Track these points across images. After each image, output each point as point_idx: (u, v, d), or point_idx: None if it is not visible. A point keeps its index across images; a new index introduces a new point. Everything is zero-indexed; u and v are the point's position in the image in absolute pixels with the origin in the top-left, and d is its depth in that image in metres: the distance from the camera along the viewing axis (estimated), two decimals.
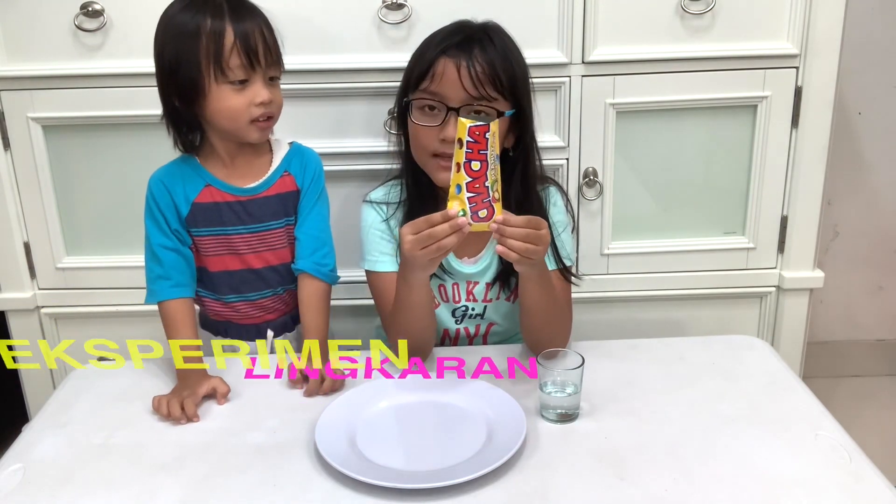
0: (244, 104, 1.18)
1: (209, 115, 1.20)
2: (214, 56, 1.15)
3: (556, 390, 1.07)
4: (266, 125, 1.22)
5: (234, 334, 1.33)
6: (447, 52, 1.19)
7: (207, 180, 1.25)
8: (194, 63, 1.15)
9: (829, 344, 2.18)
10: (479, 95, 1.18)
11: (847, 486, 0.93)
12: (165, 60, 1.18)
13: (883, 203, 2.09)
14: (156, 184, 1.25)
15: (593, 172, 1.55)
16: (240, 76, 1.17)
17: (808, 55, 1.48)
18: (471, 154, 1.01)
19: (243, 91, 1.18)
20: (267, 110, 1.20)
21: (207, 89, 1.17)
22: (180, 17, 1.17)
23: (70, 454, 1.04)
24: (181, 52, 1.16)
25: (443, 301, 1.33)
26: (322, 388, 1.16)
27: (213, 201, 1.25)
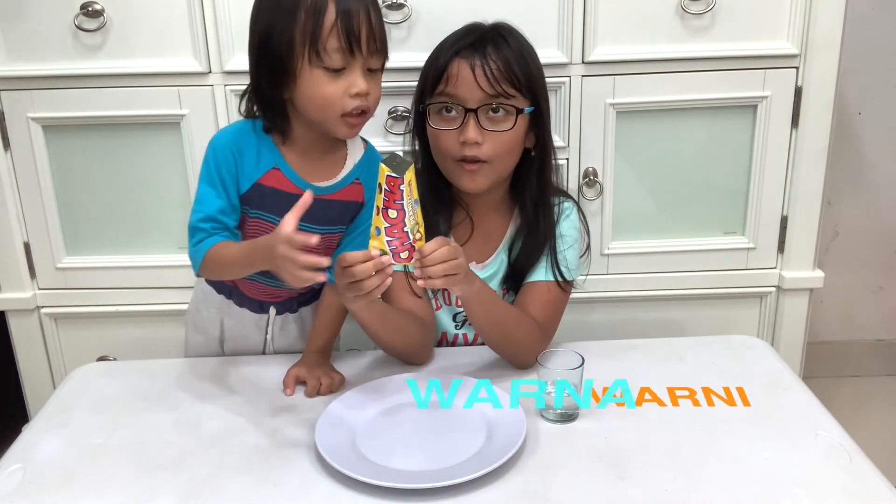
0: (338, 93, 1.06)
1: (298, 101, 1.08)
2: (311, 35, 1.02)
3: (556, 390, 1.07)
4: (358, 121, 1.10)
5: (237, 300, 1.29)
6: (460, 53, 1.18)
7: (276, 163, 1.13)
8: (287, 40, 1.03)
9: (829, 344, 2.18)
10: (496, 93, 1.17)
11: (847, 486, 0.93)
12: (257, 33, 1.07)
13: (883, 203, 2.09)
14: (225, 147, 1.12)
15: (593, 172, 1.55)
16: (337, 62, 1.04)
17: (808, 55, 1.48)
18: (387, 202, 0.98)
19: (338, 79, 1.05)
20: (362, 103, 1.08)
21: (298, 72, 1.05)
22: None
23: (70, 454, 1.04)
24: (274, 26, 1.04)
25: (444, 304, 1.33)
26: (322, 388, 1.16)
27: (276, 188, 1.13)
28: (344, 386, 1.18)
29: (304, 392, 1.16)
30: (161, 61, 1.47)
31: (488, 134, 1.18)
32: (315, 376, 1.17)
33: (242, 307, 1.30)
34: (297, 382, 1.18)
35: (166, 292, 1.59)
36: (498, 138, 1.18)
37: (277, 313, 1.31)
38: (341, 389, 1.17)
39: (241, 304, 1.30)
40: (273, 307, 1.30)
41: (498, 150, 1.19)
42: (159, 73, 1.47)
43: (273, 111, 1.13)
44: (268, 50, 1.06)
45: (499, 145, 1.19)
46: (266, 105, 1.13)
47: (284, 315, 1.31)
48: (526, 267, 1.26)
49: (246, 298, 1.29)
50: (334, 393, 1.16)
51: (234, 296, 1.30)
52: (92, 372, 1.28)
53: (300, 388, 1.18)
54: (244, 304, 1.30)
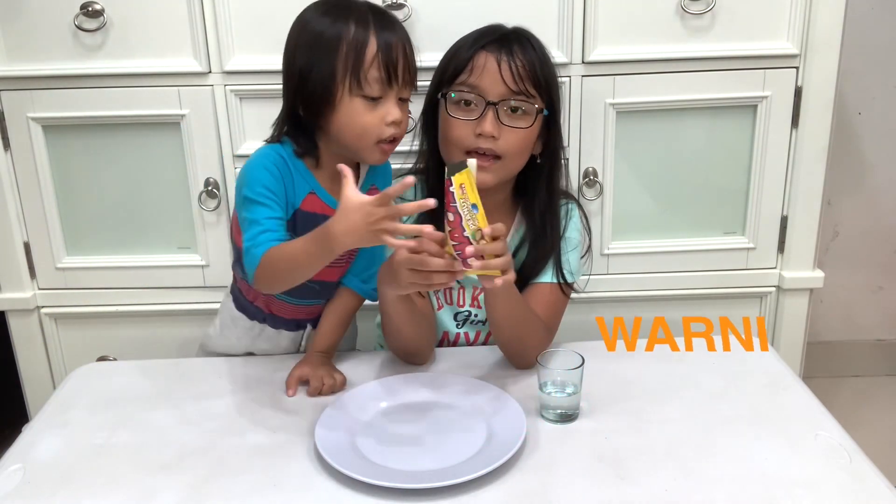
0: (376, 121, 1.11)
1: (335, 128, 1.12)
2: (353, 66, 1.08)
3: (556, 390, 1.07)
4: (391, 147, 1.15)
5: (271, 323, 1.30)
6: (486, 47, 1.18)
7: (313, 187, 1.17)
8: (329, 71, 1.08)
9: (829, 344, 2.18)
10: (518, 90, 1.17)
11: (847, 486, 0.93)
12: (297, 66, 1.11)
13: (883, 203, 2.09)
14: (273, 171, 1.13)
15: (593, 172, 1.55)
16: (376, 91, 1.09)
17: (808, 55, 1.48)
18: (445, 205, 1.00)
19: (376, 108, 1.11)
20: (397, 131, 1.13)
21: (338, 100, 1.10)
22: (320, 21, 1.10)
23: (70, 454, 1.04)
24: (316, 58, 1.09)
25: (446, 304, 1.33)
26: (324, 388, 1.16)
27: (314, 212, 1.17)
28: (345, 386, 1.18)
29: (306, 392, 1.16)
30: (161, 61, 1.47)
31: (505, 129, 1.18)
32: (318, 376, 1.17)
33: (279, 329, 1.31)
34: (299, 383, 1.18)
35: (166, 292, 1.59)
36: (514, 135, 1.18)
37: (313, 328, 1.32)
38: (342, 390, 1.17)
39: (277, 326, 1.31)
40: (309, 323, 1.32)
41: (512, 146, 1.19)
42: (159, 73, 1.47)
43: (305, 137, 1.16)
44: (309, 81, 1.10)
45: (513, 142, 1.19)
46: (300, 132, 1.16)
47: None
48: (532, 274, 1.26)
49: (282, 321, 1.31)
50: (336, 393, 1.16)
51: (269, 321, 1.31)
52: (92, 372, 1.28)
53: (302, 388, 1.18)
54: (280, 326, 1.31)
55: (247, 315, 1.32)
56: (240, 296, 1.32)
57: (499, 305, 1.16)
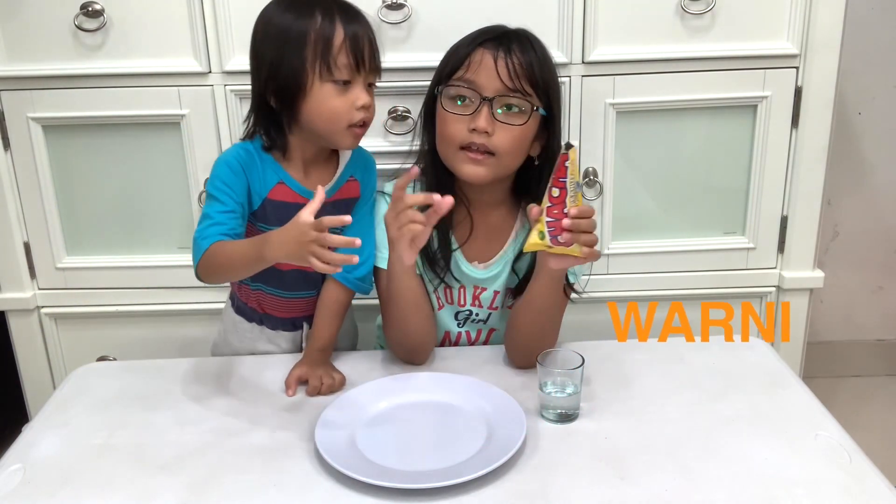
0: (346, 106, 1.15)
1: (307, 116, 1.16)
2: (322, 52, 1.12)
3: (556, 390, 1.07)
4: (361, 132, 1.19)
5: (269, 325, 1.32)
6: (484, 44, 1.19)
7: (281, 177, 1.21)
8: (299, 60, 1.12)
9: (829, 344, 2.18)
10: (515, 88, 1.17)
11: (847, 486, 0.93)
12: (266, 60, 1.15)
13: (883, 203, 2.09)
14: (233, 165, 1.17)
15: (593, 172, 1.55)
16: (345, 76, 1.14)
17: (808, 55, 1.48)
18: (553, 180, 1.03)
19: (345, 93, 1.15)
20: (366, 115, 1.17)
21: (310, 87, 1.13)
22: (285, 17, 1.14)
23: (70, 454, 1.04)
24: (286, 50, 1.13)
25: (447, 303, 1.33)
26: (323, 388, 1.16)
27: (285, 200, 1.20)
28: (344, 386, 1.18)
29: (305, 391, 1.16)
30: (161, 61, 1.47)
31: (499, 125, 1.18)
32: (317, 375, 1.18)
33: (277, 330, 1.32)
34: (299, 383, 1.18)
35: (166, 292, 1.59)
36: (508, 132, 1.18)
37: (310, 327, 1.32)
38: (342, 389, 1.17)
39: (274, 327, 1.32)
40: (305, 322, 1.32)
41: (506, 143, 1.19)
42: (159, 73, 1.47)
43: (274, 129, 1.20)
44: (279, 73, 1.14)
45: (507, 139, 1.19)
46: (268, 124, 1.20)
47: None
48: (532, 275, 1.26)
49: (279, 321, 1.32)
50: (335, 393, 1.16)
51: (266, 322, 1.32)
52: (92, 372, 1.28)
53: (301, 388, 1.18)
54: (278, 327, 1.32)
55: (244, 317, 1.33)
56: (236, 298, 1.33)
57: (543, 291, 1.17)
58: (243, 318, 1.33)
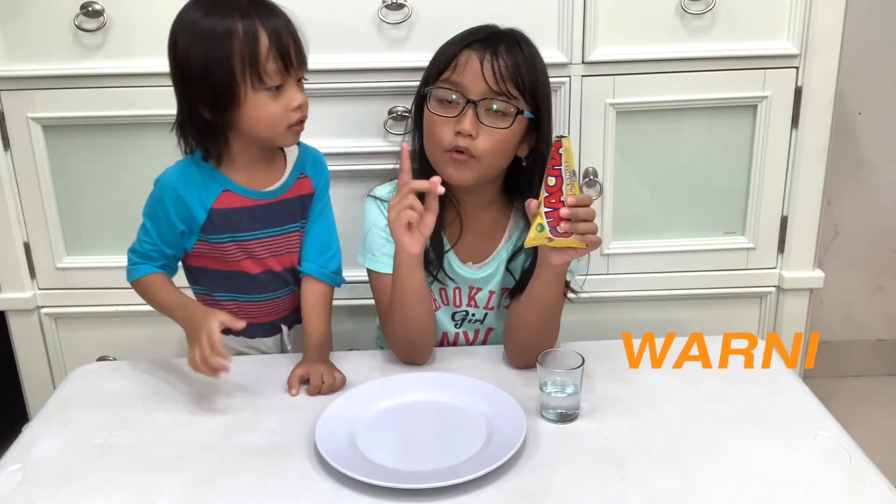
0: (282, 110, 1.15)
1: (244, 124, 1.15)
2: (251, 63, 1.10)
3: (556, 390, 1.07)
4: (301, 129, 1.20)
5: (247, 333, 1.30)
6: (472, 45, 1.18)
7: (225, 185, 1.21)
8: (227, 71, 1.10)
9: (829, 344, 2.18)
10: (500, 91, 1.17)
11: (847, 486, 0.93)
12: (192, 68, 1.12)
13: (883, 203, 2.09)
14: (166, 188, 1.20)
15: (593, 172, 1.55)
16: (276, 82, 1.13)
17: (808, 55, 1.49)
18: (548, 170, 1.02)
19: (279, 97, 1.14)
20: (303, 113, 1.18)
21: (243, 98, 1.12)
22: (206, 21, 1.11)
23: (70, 454, 1.04)
24: (212, 61, 1.10)
25: (443, 304, 1.33)
26: (324, 387, 1.16)
27: (232, 207, 1.21)
28: (345, 386, 1.18)
29: (306, 391, 1.16)
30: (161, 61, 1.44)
31: (483, 128, 1.18)
32: (318, 374, 1.17)
33: (255, 337, 1.33)
34: (301, 382, 1.18)
35: None
36: (492, 135, 1.18)
37: (289, 329, 1.33)
38: (342, 389, 1.17)
39: (253, 335, 1.32)
40: (283, 324, 1.32)
41: (489, 147, 1.19)
42: (159, 73, 1.46)
43: (210, 137, 1.19)
44: (208, 83, 1.12)
45: (492, 143, 1.19)
46: (202, 133, 1.19)
47: (294, 328, 1.35)
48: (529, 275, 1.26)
49: (258, 328, 1.31)
50: (335, 393, 1.16)
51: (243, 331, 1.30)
52: (92, 372, 1.27)
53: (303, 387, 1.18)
54: (257, 334, 1.32)
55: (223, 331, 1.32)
56: None
57: (545, 288, 1.17)
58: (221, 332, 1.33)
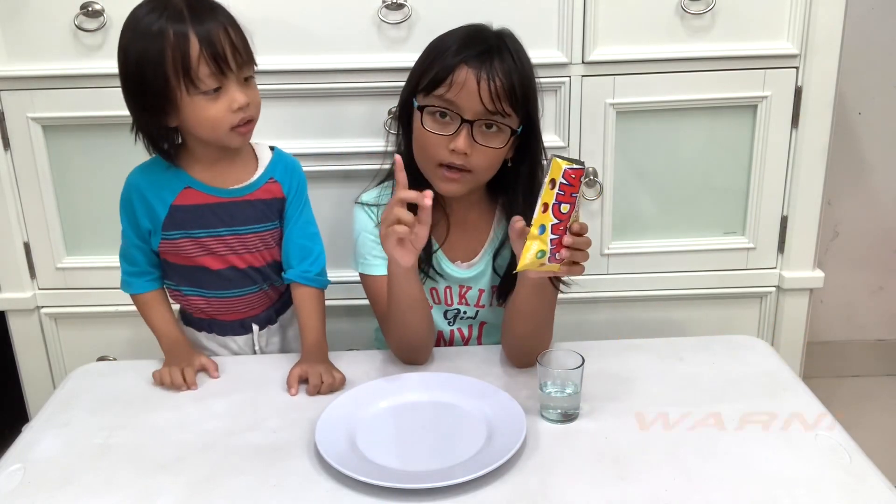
0: (222, 112, 1.13)
1: (187, 126, 1.16)
2: (183, 68, 1.09)
3: (556, 390, 1.07)
4: (247, 129, 1.17)
5: (218, 331, 1.32)
6: (468, 61, 1.17)
7: (186, 182, 1.21)
8: (162, 80, 1.10)
9: (829, 344, 2.18)
10: (495, 111, 1.17)
11: (847, 486, 0.93)
12: (130, 72, 1.13)
13: (883, 203, 2.09)
14: (132, 186, 1.22)
15: (593, 172, 1.55)
16: (212, 85, 1.11)
17: (808, 55, 1.48)
18: (562, 196, 1.00)
19: (218, 99, 1.12)
20: (246, 114, 1.15)
21: (179, 102, 1.12)
22: (144, 20, 1.11)
23: (70, 454, 1.04)
24: (147, 70, 1.10)
25: (434, 303, 1.33)
26: (323, 387, 1.16)
27: (193, 203, 1.21)
28: (344, 386, 1.18)
29: (305, 391, 1.16)
30: None
31: (477, 147, 1.19)
32: (316, 374, 1.17)
33: (227, 335, 1.32)
34: (300, 381, 1.18)
35: None
36: (486, 153, 1.20)
37: (260, 329, 1.33)
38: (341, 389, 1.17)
39: (223, 332, 1.32)
40: (254, 323, 1.32)
41: (483, 163, 1.20)
42: None
43: (166, 139, 1.20)
44: (147, 92, 1.12)
45: (485, 159, 1.20)
46: (156, 135, 1.19)
47: (266, 328, 1.34)
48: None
49: (227, 325, 1.32)
50: (335, 392, 1.16)
51: (214, 328, 1.32)
52: (92, 372, 1.28)
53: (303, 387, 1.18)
54: (227, 332, 1.32)
55: (193, 327, 1.34)
56: (184, 311, 1.35)
57: (532, 299, 1.17)
58: (192, 327, 1.34)
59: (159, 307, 1.29)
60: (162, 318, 1.29)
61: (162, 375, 1.18)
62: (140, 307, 1.30)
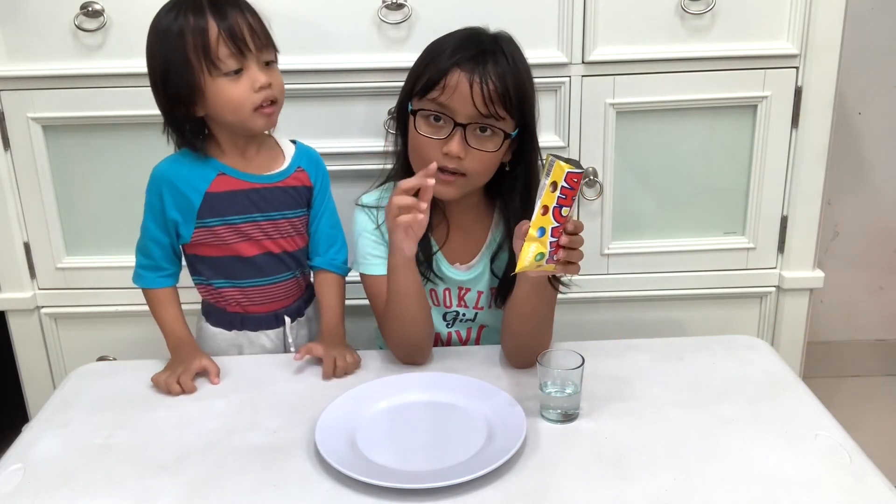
0: (244, 92, 1.17)
1: (212, 112, 1.19)
2: (203, 51, 1.14)
3: (556, 390, 1.07)
4: (271, 110, 1.20)
5: (251, 326, 1.33)
6: (461, 64, 1.17)
7: (219, 169, 1.24)
8: (184, 63, 1.15)
9: (829, 344, 2.18)
10: (489, 114, 1.17)
11: (847, 486, 0.93)
12: (157, 68, 1.18)
13: (883, 203, 2.09)
14: (161, 179, 1.24)
15: (593, 172, 1.55)
16: (232, 66, 1.15)
17: (808, 55, 1.48)
18: (563, 200, 1.00)
19: (240, 80, 1.17)
20: (268, 94, 1.19)
21: (203, 86, 1.16)
22: (164, 20, 1.17)
23: (70, 454, 1.04)
24: (169, 55, 1.16)
25: (433, 305, 1.33)
26: (337, 370, 1.19)
27: (228, 190, 1.24)
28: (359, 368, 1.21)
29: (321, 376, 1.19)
30: None
31: (472, 151, 1.19)
32: (330, 356, 1.20)
33: (259, 330, 1.33)
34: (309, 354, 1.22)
35: None
36: (480, 156, 1.19)
37: (292, 321, 1.34)
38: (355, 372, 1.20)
39: (256, 327, 1.33)
40: (287, 315, 1.33)
41: (478, 166, 1.20)
42: None
43: (193, 132, 1.23)
44: (171, 78, 1.17)
45: (479, 163, 1.20)
46: (184, 129, 1.22)
47: (297, 321, 1.35)
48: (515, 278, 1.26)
49: (262, 319, 1.33)
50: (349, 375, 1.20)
51: (247, 324, 1.33)
52: (92, 372, 1.28)
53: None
54: (260, 327, 1.33)
55: (223, 328, 1.33)
56: (213, 309, 1.34)
57: (531, 299, 1.17)
58: (222, 328, 1.34)
59: (170, 305, 1.29)
60: (171, 316, 1.29)
61: (157, 382, 1.18)
62: (150, 303, 1.30)
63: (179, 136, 1.23)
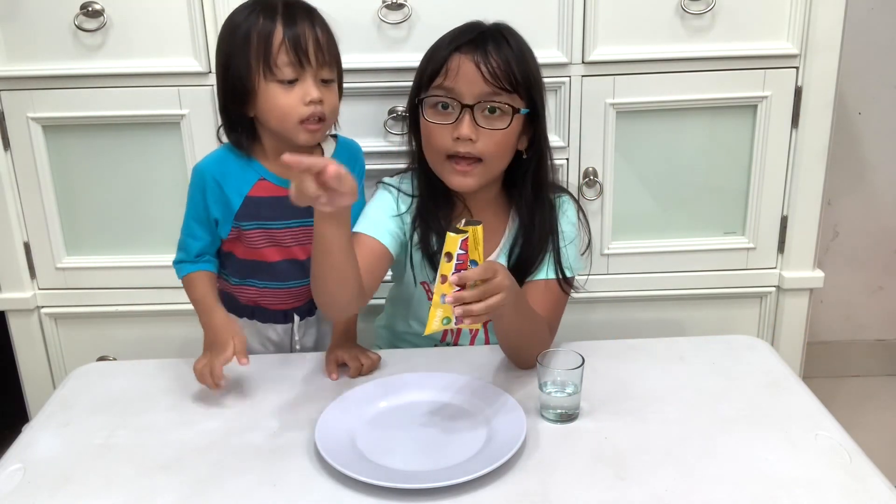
0: (294, 102, 1.16)
1: (261, 116, 1.19)
2: (263, 53, 1.15)
3: (556, 390, 1.07)
4: (316, 128, 1.19)
5: (261, 318, 1.33)
6: (461, 48, 1.17)
7: (261, 174, 1.24)
8: (244, 61, 1.16)
9: (829, 344, 2.18)
10: (494, 91, 1.16)
11: (847, 486, 0.93)
12: (221, 60, 1.20)
13: (883, 203, 2.09)
14: (205, 175, 1.23)
15: (593, 172, 1.55)
16: (289, 75, 1.15)
17: (808, 55, 1.48)
18: (460, 265, 0.99)
19: (293, 89, 1.16)
20: (317, 110, 1.17)
21: (257, 87, 1.16)
22: (238, 16, 1.18)
23: (70, 454, 1.04)
24: (233, 50, 1.17)
25: None
26: (364, 368, 1.20)
27: (268, 195, 1.23)
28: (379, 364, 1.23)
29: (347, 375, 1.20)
30: (161, 61, 1.47)
31: (482, 131, 1.17)
32: (354, 357, 1.21)
33: (267, 322, 1.34)
34: (338, 365, 1.22)
35: (166, 292, 1.59)
36: (492, 136, 1.18)
37: (301, 319, 1.34)
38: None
39: (266, 320, 1.33)
40: (296, 314, 1.33)
41: (491, 148, 1.18)
42: (159, 73, 1.47)
43: (242, 131, 1.23)
44: (229, 77, 1.18)
45: (492, 144, 1.18)
46: (236, 126, 1.23)
47: (306, 320, 1.36)
48: (529, 270, 1.26)
49: (270, 313, 1.33)
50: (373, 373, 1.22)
51: (257, 315, 1.33)
52: (92, 372, 1.28)
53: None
54: (268, 320, 1.33)
55: (235, 314, 1.33)
56: (226, 296, 1.33)
57: (509, 320, 1.14)
58: (234, 314, 1.32)
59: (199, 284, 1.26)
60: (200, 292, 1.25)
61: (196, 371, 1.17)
62: (185, 287, 1.28)
63: (230, 132, 1.24)
